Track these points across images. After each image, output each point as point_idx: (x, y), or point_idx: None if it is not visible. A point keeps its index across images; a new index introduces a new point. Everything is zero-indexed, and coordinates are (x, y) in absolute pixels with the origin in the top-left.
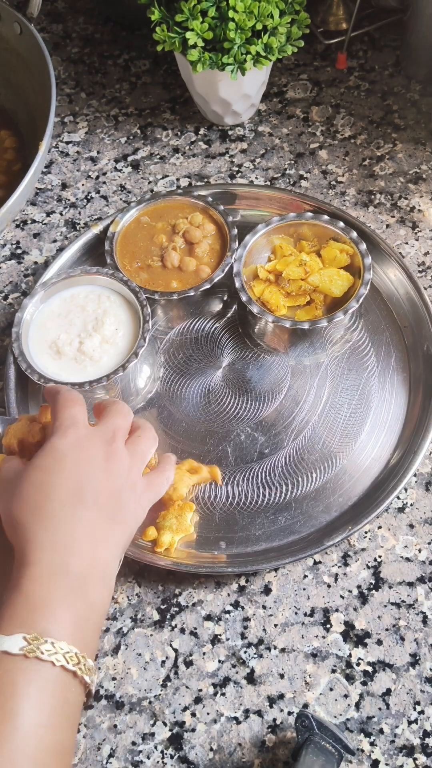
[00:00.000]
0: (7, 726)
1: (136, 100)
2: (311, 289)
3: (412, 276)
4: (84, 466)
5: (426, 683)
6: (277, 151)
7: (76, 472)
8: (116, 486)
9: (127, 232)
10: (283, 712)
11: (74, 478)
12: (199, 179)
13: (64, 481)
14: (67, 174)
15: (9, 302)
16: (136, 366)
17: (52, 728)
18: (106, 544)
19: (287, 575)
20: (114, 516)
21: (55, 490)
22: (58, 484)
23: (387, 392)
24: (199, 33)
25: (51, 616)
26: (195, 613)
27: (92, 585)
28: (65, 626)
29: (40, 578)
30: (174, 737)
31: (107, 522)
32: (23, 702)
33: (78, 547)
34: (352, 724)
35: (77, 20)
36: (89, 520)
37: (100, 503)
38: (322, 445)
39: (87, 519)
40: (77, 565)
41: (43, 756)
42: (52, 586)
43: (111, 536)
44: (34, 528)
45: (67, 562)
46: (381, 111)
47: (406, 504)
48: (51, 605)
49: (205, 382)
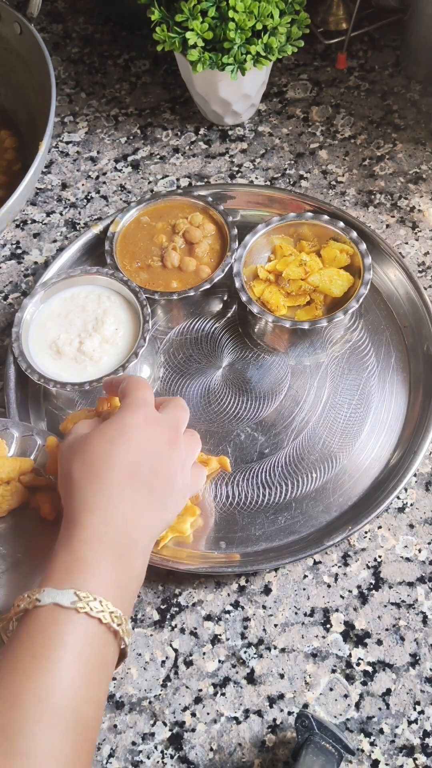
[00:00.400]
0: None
1: (136, 100)
2: (311, 289)
3: (412, 276)
4: (148, 445)
5: (426, 683)
6: (277, 151)
7: (140, 449)
8: (172, 472)
9: (127, 232)
10: (283, 712)
11: (137, 454)
12: (199, 179)
13: (127, 454)
14: (67, 174)
15: (9, 302)
16: (136, 366)
17: (90, 681)
18: (151, 521)
19: (287, 575)
20: (163, 500)
21: (117, 461)
22: (121, 456)
23: (387, 392)
24: (199, 33)
25: (99, 576)
26: (195, 613)
27: (134, 556)
28: (111, 587)
29: (90, 540)
30: (174, 737)
31: (156, 503)
32: (68, 652)
33: (127, 518)
34: (352, 724)
35: (77, 20)
36: (141, 497)
37: (154, 484)
38: (322, 445)
39: (139, 495)
40: (124, 535)
41: (79, 705)
42: (101, 549)
43: (156, 517)
44: (91, 493)
45: (116, 530)
46: (381, 111)
47: (406, 504)
48: (99, 566)
49: (205, 382)
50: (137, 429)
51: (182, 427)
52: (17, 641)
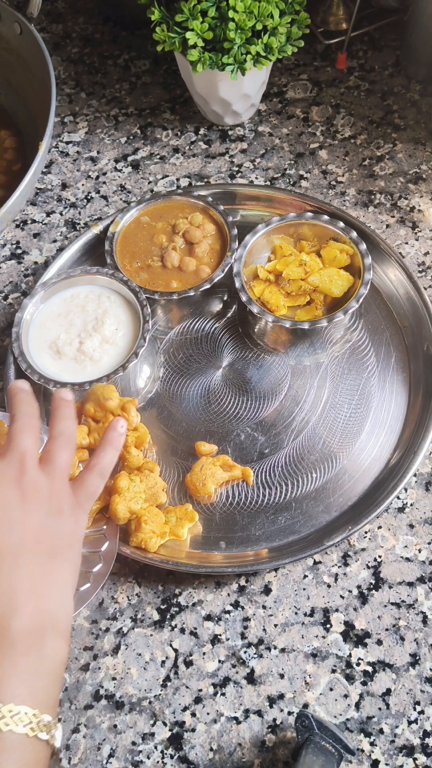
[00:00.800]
0: None
1: (136, 100)
2: (311, 289)
3: (412, 276)
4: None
5: (426, 683)
6: (277, 151)
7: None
8: (40, 520)
9: (127, 232)
10: (283, 712)
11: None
12: (199, 179)
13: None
14: (67, 174)
15: (9, 302)
16: (136, 366)
17: None
18: (51, 585)
19: (287, 575)
20: (52, 551)
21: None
22: None
23: (387, 392)
24: (199, 33)
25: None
26: (195, 613)
27: (41, 638)
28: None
29: None
30: (174, 737)
31: (46, 561)
32: None
33: (18, 605)
34: (352, 724)
35: (77, 20)
36: (24, 573)
37: (29, 548)
38: (322, 445)
39: (20, 573)
40: (21, 624)
41: None
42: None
43: (54, 574)
44: None
45: (9, 625)
46: (381, 111)
47: (406, 504)
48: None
49: (205, 382)
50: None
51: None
52: None
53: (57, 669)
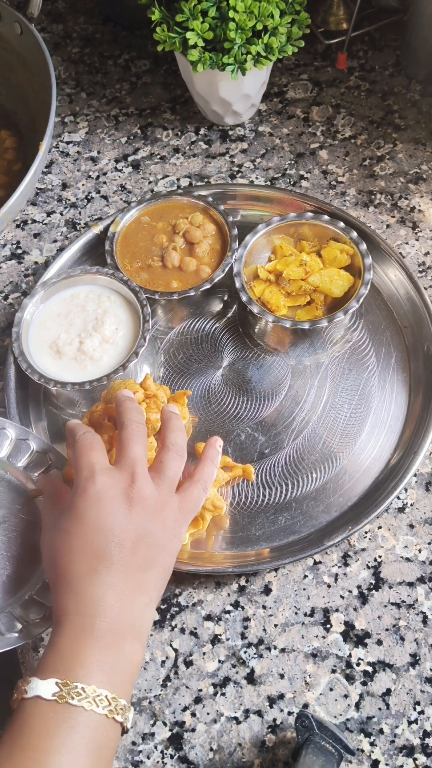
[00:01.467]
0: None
1: (137, 100)
2: (311, 289)
3: (413, 276)
4: (105, 525)
5: (426, 683)
6: (277, 151)
7: (97, 533)
8: (142, 532)
9: (128, 232)
10: (283, 712)
11: (96, 540)
12: (200, 179)
13: (87, 545)
14: (68, 174)
15: (9, 302)
16: (137, 366)
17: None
18: (136, 598)
19: (287, 575)
20: (143, 564)
21: (78, 556)
22: (81, 549)
23: (387, 392)
24: (199, 33)
25: (81, 663)
26: (195, 613)
27: (121, 640)
28: (95, 672)
29: (69, 635)
30: (174, 737)
31: (137, 574)
32: (55, 741)
33: (103, 610)
34: (352, 724)
35: (77, 20)
36: (115, 581)
37: (125, 559)
38: (322, 445)
39: (112, 581)
40: (103, 626)
41: None
42: (81, 641)
43: (142, 587)
44: (62, 594)
45: (93, 624)
46: (381, 111)
47: (406, 504)
48: (81, 654)
49: (205, 382)
50: (89, 511)
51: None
52: (8, 735)
53: (133, 668)
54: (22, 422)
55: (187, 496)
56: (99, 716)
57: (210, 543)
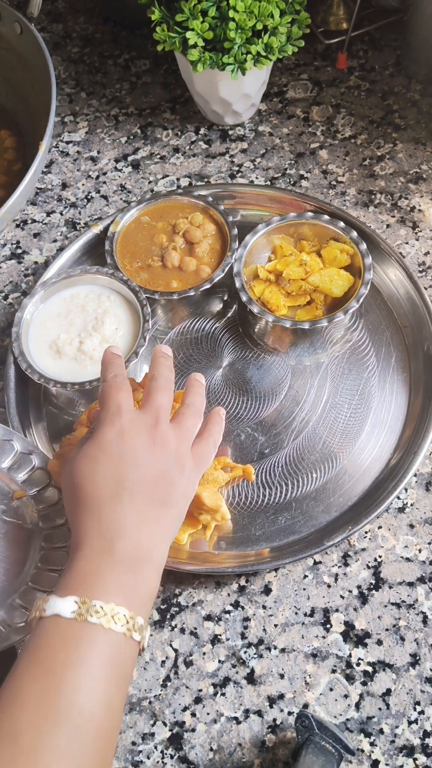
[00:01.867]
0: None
1: (137, 100)
2: (311, 289)
3: (413, 276)
4: (128, 456)
5: (426, 683)
6: (277, 151)
7: (121, 462)
8: (162, 470)
9: (128, 231)
10: (283, 712)
11: (119, 468)
12: (200, 179)
13: (111, 471)
14: (68, 174)
15: (9, 302)
16: (137, 365)
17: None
18: (154, 528)
19: (287, 575)
20: (163, 500)
21: (102, 480)
22: (105, 474)
23: (387, 392)
24: (199, 33)
25: (99, 582)
26: (195, 613)
27: (139, 565)
28: (113, 592)
29: (88, 557)
30: (174, 737)
31: (155, 507)
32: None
33: (124, 533)
34: (352, 724)
35: (77, 20)
36: (135, 508)
37: (146, 490)
38: (322, 445)
39: (133, 507)
40: (123, 549)
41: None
42: (100, 563)
43: (160, 520)
44: (83, 516)
45: (113, 546)
46: (381, 111)
47: (407, 504)
48: (99, 575)
49: (206, 382)
50: (114, 441)
51: (163, 416)
52: (26, 651)
53: (150, 592)
54: (22, 422)
55: (200, 449)
56: (117, 634)
57: (210, 543)
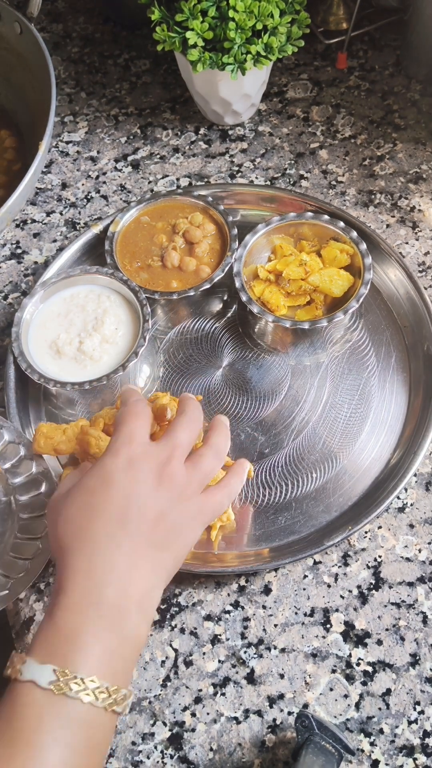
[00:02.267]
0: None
1: (136, 100)
2: (311, 289)
3: (413, 276)
4: (131, 490)
5: (426, 683)
6: (277, 151)
7: (122, 496)
8: (164, 511)
9: (127, 231)
10: (283, 712)
11: (119, 502)
12: (199, 179)
13: (109, 505)
14: (67, 174)
15: (9, 302)
16: (136, 365)
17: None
18: (148, 572)
19: (287, 575)
20: (160, 543)
21: (98, 514)
22: (102, 508)
23: (387, 392)
24: (199, 33)
25: (81, 649)
26: (195, 613)
27: (127, 616)
28: (95, 659)
29: (72, 608)
30: (174, 737)
31: (151, 549)
32: (48, 737)
33: (115, 576)
34: (352, 724)
35: (77, 20)
36: (130, 549)
37: (144, 530)
38: (322, 445)
39: (128, 547)
40: (112, 595)
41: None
42: (84, 617)
43: (154, 564)
44: (74, 553)
45: (101, 592)
46: (381, 111)
47: (407, 504)
48: (81, 637)
49: (205, 382)
50: (117, 473)
51: (178, 454)
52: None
53: (136, 650)
54: (22, 422)
55: (212, 498)
56: (97, 709)
57: (215, 544)
